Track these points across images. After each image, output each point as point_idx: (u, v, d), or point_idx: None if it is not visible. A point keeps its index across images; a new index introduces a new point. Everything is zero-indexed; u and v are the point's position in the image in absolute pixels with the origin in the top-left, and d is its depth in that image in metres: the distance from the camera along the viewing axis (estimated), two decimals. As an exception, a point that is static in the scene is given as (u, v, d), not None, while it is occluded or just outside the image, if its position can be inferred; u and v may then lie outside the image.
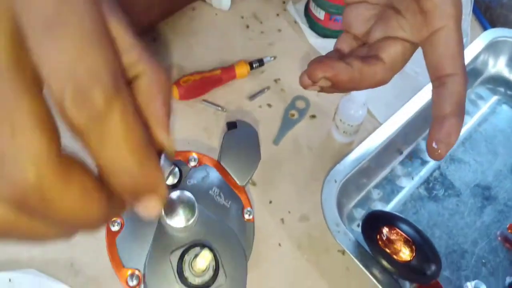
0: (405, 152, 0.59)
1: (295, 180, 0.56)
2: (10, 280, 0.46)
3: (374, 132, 0.56)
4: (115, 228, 0.37)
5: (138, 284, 0.35)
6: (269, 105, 0.61)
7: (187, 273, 0.33)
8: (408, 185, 0.57)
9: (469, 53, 0.62)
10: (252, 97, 0.61)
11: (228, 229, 0.36)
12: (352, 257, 0.48)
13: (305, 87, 0.36)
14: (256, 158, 0.41)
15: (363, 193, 0.57)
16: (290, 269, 0.51)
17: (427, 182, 0.58)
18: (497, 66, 0.65)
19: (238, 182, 0.40)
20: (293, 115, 0.61)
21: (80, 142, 0.15)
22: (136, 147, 0.15)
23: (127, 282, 0.35)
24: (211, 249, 0.34)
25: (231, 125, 0.42)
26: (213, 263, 0.34)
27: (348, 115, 0.56)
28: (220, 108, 0.59)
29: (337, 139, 0.59)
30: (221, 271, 0.35)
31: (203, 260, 0.30)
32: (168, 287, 0.34)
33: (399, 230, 0.46)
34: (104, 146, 0.14)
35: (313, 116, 0.61)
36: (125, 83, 0.15)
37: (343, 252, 0.52)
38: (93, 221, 0.16)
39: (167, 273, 0.34)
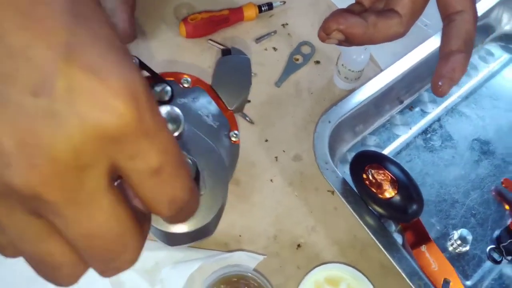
0: (406, 102, 0.59)
1: (292, 121, 0.58)
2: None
3: (374, 77, 0.56)
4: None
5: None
6: (275, 49, 0.62)
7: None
8: (405, 134, 0.58)
9: (482, 7, 0.60)
10: (258, 39, 0.62)
11: (211, 146, 0.38)
12: (338, 194, 0.49)
13: (322, 39, 0.37)
14: (246, 84, 0.42)
15: (358, 138, 0.57)
16: (280, 203, 0.53)
17: (425, 133, 0.58)
18: (511, 23, 0.64)
19: (227, 106, 0.41)
20: (297, 59, 0.61)
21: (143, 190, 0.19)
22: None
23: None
24: (192, 161, 0.36)
25: (225, 52, 0.44)
26: (193, 174, 0.36)
27: (350, 60, 0.56)
28: (225, 48, 0.60)
29: (338, 85, 0.60)
30: (201, 183, 0.37)
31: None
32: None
33: (384, 170, 0.47)
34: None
35: (317, 62, 0.62)
36: None
37: (333, 192, 0.54)
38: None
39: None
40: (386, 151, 0.57)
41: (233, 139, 0.41)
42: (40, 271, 0.19)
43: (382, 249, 0.47)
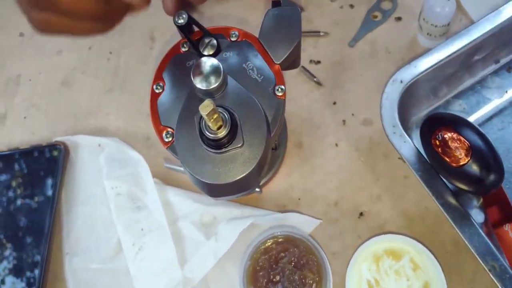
0: (503, 61, 0.51)
1: (365, 82, 0.54)
2: (99, 145, 0.55)
3: (462, 31, 0.48)
4: (158, 90, 0.40)
5: (172, 140, 0.39)
6: (351, 6, 0.58)
7: (205, 131, 0.36)
8: (498, 99, 0.50)
9: None
10: (334, -3, 0.58)
11: (252, 100, 0.37)
12: (405, 160, 0.45)
13: None
14: (294, 37, 0.40)
15: (440, 102, 0.51)
16: (344, 168, 0.50)
17: (524, 97, 0.49)
18: None
19: (274, 59, 0.40)
20: (375, 16, 0.56)
21: None
22: None
23: (163, 138, 0.39)
24: (230, 113, 0.36)
25: (275, 3, 0.42)
26: (227, 125, 0.35)
27: (432, 12, 0.50)
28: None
29: (421, 43, 0.54)
30: (238, 135, 0.36)
31: (203, 108, 0.32)
32: (192, 143, 0.37)
33: (457, 133, 0.41)
34: None
35: (398, 19, 0.56)
36: None
37: (404, 160, 0.49)
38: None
39: (192, 131, 0.37)
40: (473, 117, 0.50)
41: (278, 93, 0.39)
42: None
43: (451, 222, 0.42)
